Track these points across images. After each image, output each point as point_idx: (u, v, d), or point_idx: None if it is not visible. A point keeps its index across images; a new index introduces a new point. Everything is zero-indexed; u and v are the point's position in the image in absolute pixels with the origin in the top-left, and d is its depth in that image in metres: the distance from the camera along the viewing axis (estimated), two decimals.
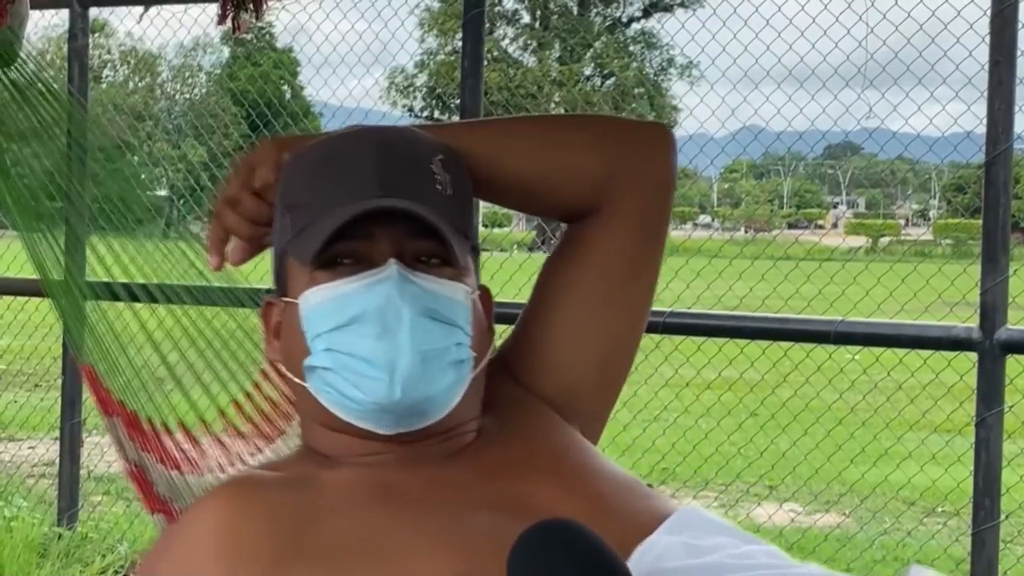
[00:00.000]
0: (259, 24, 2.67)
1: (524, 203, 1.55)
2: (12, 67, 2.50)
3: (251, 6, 2.59)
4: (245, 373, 2.00)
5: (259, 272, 2.07)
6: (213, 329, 2.11)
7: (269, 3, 2.61)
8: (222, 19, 2.62)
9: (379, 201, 1.31)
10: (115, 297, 2.22)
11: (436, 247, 1.33)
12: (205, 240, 1.47)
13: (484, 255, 2.57)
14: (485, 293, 1.42)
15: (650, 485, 1.41)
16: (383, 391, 1.29)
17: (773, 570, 1.23)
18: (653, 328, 1.77)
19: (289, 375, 1.38)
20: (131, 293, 2.26)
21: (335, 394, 1.33)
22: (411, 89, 32.53)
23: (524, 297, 1.56)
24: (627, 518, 1.31)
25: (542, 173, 1.48)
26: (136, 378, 1.99)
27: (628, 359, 1.54)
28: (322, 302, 1.32)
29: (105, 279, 2.28)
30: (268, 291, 1.45)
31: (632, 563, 1.23)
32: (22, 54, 2.50)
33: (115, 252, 2.33)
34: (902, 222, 29.67)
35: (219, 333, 2.10)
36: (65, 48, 4.82)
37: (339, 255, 1.32)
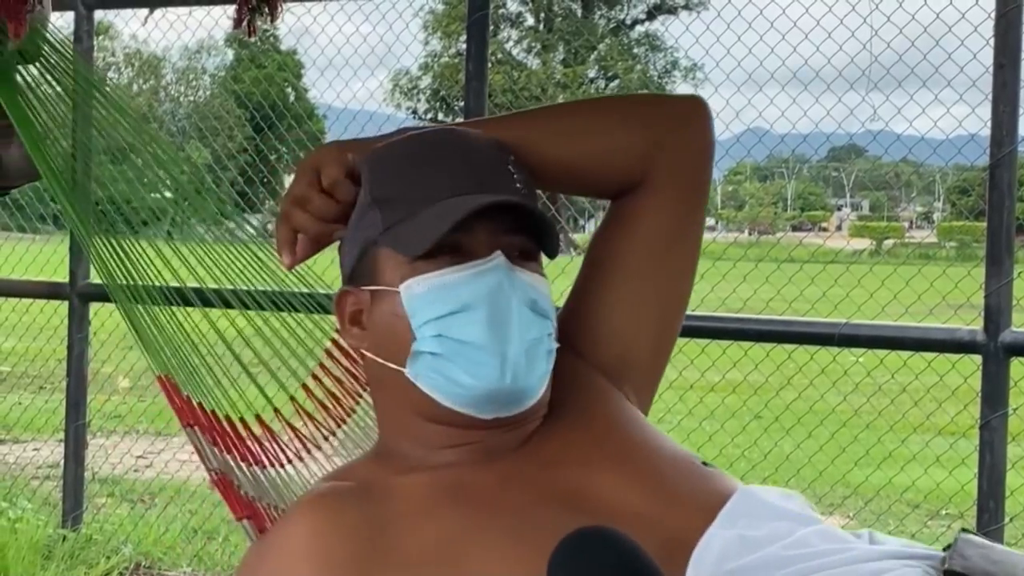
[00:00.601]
0: (265, 27, 2.68)
1: (572, 186, 1.62)
2: (36, 63, 2.52)
3: (266, 9, 2.60)
4: (311, 356, 2.07)
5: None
6: (271, 327, 2.16)
7: (283, 6, 2.62)
8: (238, 23, 2.63)
9: (491, 197, 1.37)
10: (186, 301, 2.26)
11: (525, 242, 1.40)
12: (273, 242, 1.51)
13: None
14: None
15: (705, 463, 1.43)
16: (495, 377, 1.35)
17: (826, 557, 1.25)
18: None
19: (381, 361, 1.42)
20: (202, 297, 2.30)
21: (441, 379, 1.37)
22: (415, 91, 32.55)
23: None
24: (688, 504, 1.35)
25: (588, 156, 1.53)
26: (210, 376, 2.02)
27: (678, 322, 1.61)
28: (428, 290, 1.37)
29: (174, 283, 2.31)
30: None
31: (692, 566, 1.27)
32: (48, 47, 2.51)
33: (182, 255, 2.36)
34: (906, 224, 29.63)
35: (277, 332, 2.15)
36: None
37: (442, 248, 1.36)
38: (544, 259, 1.45)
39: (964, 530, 1.32)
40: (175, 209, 2.72)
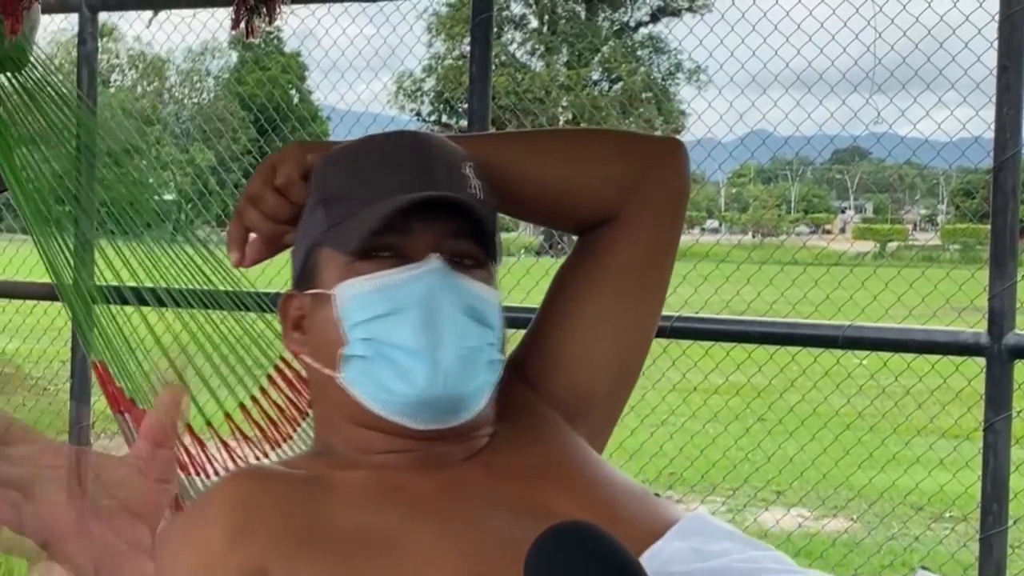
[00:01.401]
0: (267, 28, 2.67)
1: (544, 213, 1.57)
2: (23, 72, 2.51)
3: (264, 10, 2.60)
4: (252, 378, 2.03)
5: (266, 277, 2.08)
6: (220, 334, 2.13)
7: (281, 7, 2.61)
8: (235, 24, 2.62)
9: (428, 192, 1.32)
10: (124, 301, 2.24)
11: (472, 248, 1.36)
12: (225, 238, 1.49)
13: None
14: None
15: (657, 494, 1.42)
16: (425, 383, 1.30)
17: (778, 574, 1.23)
18: (661, 332, 1.77)
19: (317, 366, 1.38)
20: (140, 297, 2.28)
21: (372, 386, 1.33)
22: (419, 93, 32.56)
23: (531, 301, 1.57)
24: (637, 524, 1.32)
25: (564, 185, 1.50)
26: (146, 381, 2.00)
27: (639, 364, 1.56)
28: (362, 292, 1.33)
29: (114, 283, 2.30)
30: (278, 293, 1.46)
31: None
32: (32, 59, 2.51)
33: (124, 256, 2.34)
34: (910, 227, 29.60)
35: (226, 338, 2.12)
36: (74, 52, 4.83)
37: (379, 248, 1.33)
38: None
39: (924, 567, 1.31)
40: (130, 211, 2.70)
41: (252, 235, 1.47)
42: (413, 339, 1.30)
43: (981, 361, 3.45)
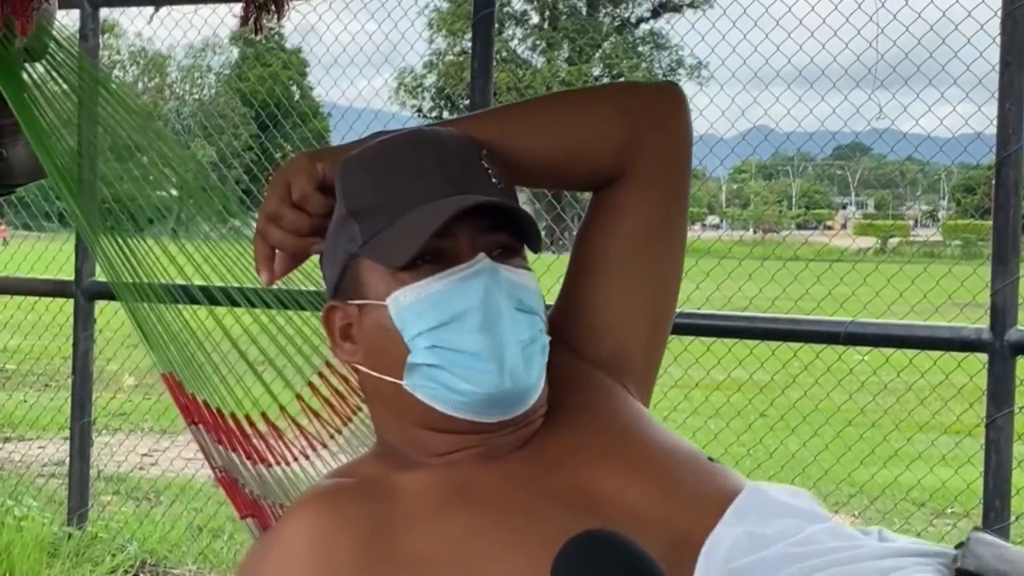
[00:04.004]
0: (271, 25, 2.67)
1: (551, 179, 1.59)
2: (41, 61, 2.52)
3: (273, 7, 2.60)
4: (317, 354, 2.05)
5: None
6: (277, 325, 2.15)
7: (289, 4, 2.61)
8: (244, 21, 2.62)
9: (466, 198, 1.34)
10: (192, 299, 2.25)
11: (507, 239, 1.38)
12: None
13: None
14: None
15: (711, 459, 1.43)
16: (494, 381, 1.33)
17: (836, 554, 1.25)
18: None
19: (376, 375, 1.40)
20: (207, 295, 2.29)
21: (441, 389, 1.35)
22: (420, 89, 32.56)
23: None
24: (694, 501, 1.34)
25: (565, 150, 1.52)
26: (216, 374, 2.01)
27: (670, 312, 1.59)
28: (416, 302, 1.34)
29: (180, 281, 2.30)
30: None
31: (701, 564, 1.26)
32: (52, 45, 2.51)
33: (188, 253, 2.35)
34: (911, 223, 29.62)
35: (282, 329, 2.14)
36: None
37: (423, 254, 1.34)
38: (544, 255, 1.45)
39: (976, 528, 1.31)
40: (180, 207, 2.71)
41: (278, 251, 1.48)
42: (477, 343, 1.33)
43: (983, 357, 3.45)
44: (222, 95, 25.54)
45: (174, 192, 2.74)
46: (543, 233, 1.42)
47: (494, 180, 1.40)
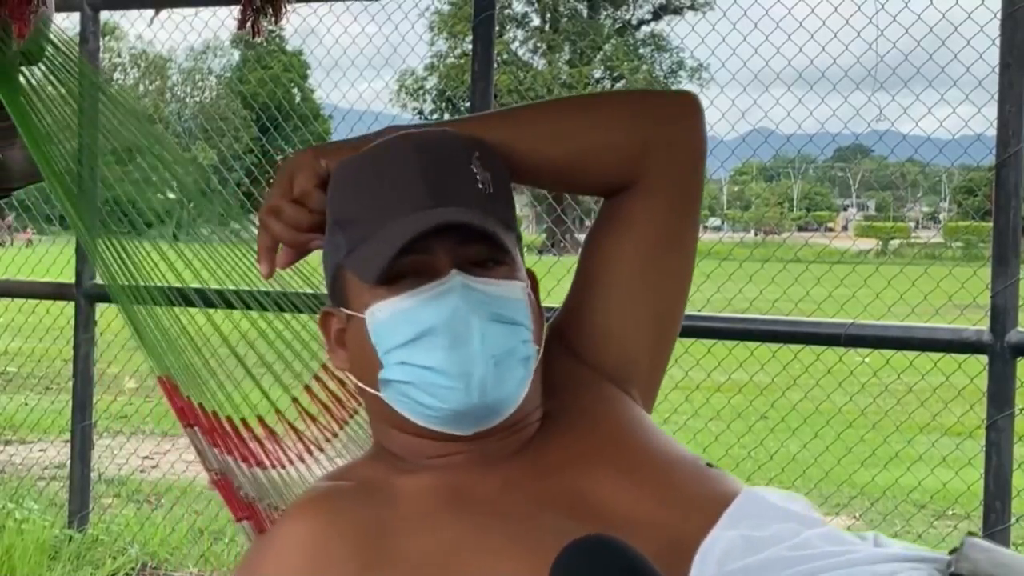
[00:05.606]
0: (271, 28, 2.67)
1: (562, 184, 1.59)
2: (38, 65, 2.51)
3: (270, 10, 2.60)
4: (315, 358, 2.05)
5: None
6: (275, 329, 2.15)
7: (287, 6, 2.61)
8: (242, 24, 2.62)
9: (436, 215, 1.33)
10: (188, 302, 2.25)
11: (488, 249, 1.36)
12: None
13: None
14: (531, 276, 1.45)
15: (710, 464, 1.42)
16: (460, 398, 1.33)
17: (831, 559, 1.25)
18: None
19: (361, 385, 1.41)
20: (204, 298, 2.28)
21: (412, 403, 1.35)
22: (421, 92, 32.58)
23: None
24: (690, 505, 1.34)
25: (577, 155, 1.50)
26: (213, 378, 2.01)
27: (677, 323, 1.58)
28: (390, 317, 1.34)
29: (177, 284, 2.30)
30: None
31: (695, 566, 1.25)
32: (49, 49, 2.51)
33: (186, 257, 2.35)
34: (912, 224, 29.60)
35: (280, 333, 2.14)
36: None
37: (399, 270, 1.34)
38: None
39: (970, 533, 1.31)
40: (180, 210, 2.71)
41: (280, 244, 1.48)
42: (444, 360, 1.32)
43: (984, 358, 3.45)
44: (223, 98, 25.55)
45: (172, 196, 2.74)
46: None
47: (480, 186, 1.38)
